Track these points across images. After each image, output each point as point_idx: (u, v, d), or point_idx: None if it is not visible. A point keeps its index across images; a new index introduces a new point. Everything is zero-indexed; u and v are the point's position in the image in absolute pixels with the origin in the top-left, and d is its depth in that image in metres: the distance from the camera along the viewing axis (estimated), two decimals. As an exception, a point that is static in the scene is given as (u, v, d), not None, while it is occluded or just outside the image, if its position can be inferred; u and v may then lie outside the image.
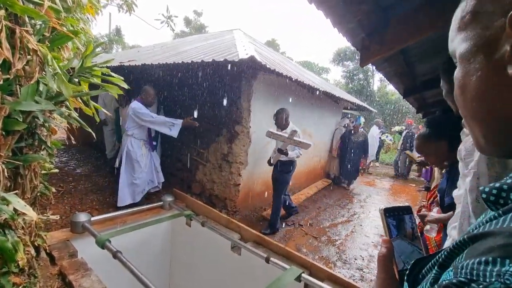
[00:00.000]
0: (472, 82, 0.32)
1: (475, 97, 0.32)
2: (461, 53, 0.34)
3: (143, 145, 3.48)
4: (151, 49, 6.07)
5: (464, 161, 0.84)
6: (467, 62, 0.33)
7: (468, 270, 0.22)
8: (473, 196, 0.76)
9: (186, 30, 22.98)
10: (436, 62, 2.24)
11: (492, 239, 0.23)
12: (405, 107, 17.68)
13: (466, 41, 0.33)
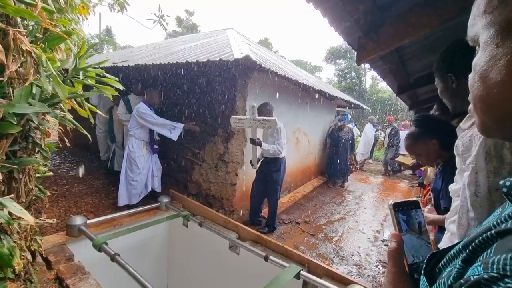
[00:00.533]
0: (498, 67, 0.31)
1: (500, 82, 0.31)
2: (487, 37, 0.33)
3: (144, 146, 3.47)
4: (144, 49, 6.01)
5: (462, 156, 0.86)
6: (494, 47, 0.32)
7: (501, 266, 0.22)
8: (472, 191, 0.77)
9: (178, 30, 22.81)
10: (429, 59, 2.28)
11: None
12: (395, 105, 17.92)
13: (494, 25, 0.32)
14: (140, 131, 3.40)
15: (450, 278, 0.30)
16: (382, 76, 2.54)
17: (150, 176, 3.59)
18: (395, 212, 0.47)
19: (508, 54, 0.30)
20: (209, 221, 2.53)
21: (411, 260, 0.44)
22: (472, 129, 0.83)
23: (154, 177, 3.66)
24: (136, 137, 3.40)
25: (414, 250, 0.45)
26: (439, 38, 1.55)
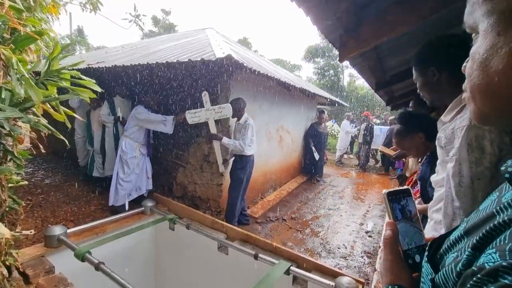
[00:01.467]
0: (500, 55, 0.30)
1: (502, 71, 0.30)
2: (488, 25, 0.32)
3: (137, 147, 3.40)
4: (120, 49, 5.80)
5: (445, 149, 0.89)
6: (495, 35, 0.31)
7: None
8: (456, 181, 0.81)
9: (155, 30, 22.26)
10: (404, 57, 2.39)
11: None
12: (372, 101, 18.55)
13: (495, 12, 0.31)
14: (137, 132, 3.38)
15: (459, 265, 0.29)
16: (360, 73, 2.62)
17: (145, 178, 3.53)
18: (389, 201, 0.48)
19: (510, 43, 0.29)
20: (196, 223, 2.50)
21: (406, 247, 0.46)
22: (454, 122, 0.87)
23: (149, 178, 3.61)
24: (130, 138, 3.35)
25: (408, 238, 0.46)
26: (414, 35, 1.62)
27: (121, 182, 3.29)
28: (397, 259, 0.45)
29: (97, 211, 3.39)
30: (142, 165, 3.50)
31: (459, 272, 0.29)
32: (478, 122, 0.37)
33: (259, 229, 3.69)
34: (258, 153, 4.48)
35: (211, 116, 3.02)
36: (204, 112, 3.02)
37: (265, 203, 4.52)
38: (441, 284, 0.34)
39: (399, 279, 0.43)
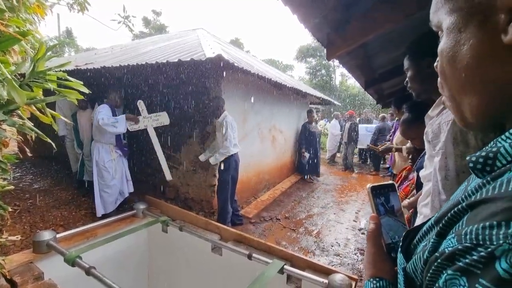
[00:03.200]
0: (463, 52, 0.32)
1: (466, 66, 0.31)
2: (450, 23, 0.33)
3: (112, 150, 3.29)
4: (110, 51, 5.72)
5: (431, 143, 0.91)
6: (457, 32, 0.32)
7: (473, 236, 0.23)
8: (442, 175, 0.83)
9: (146, 31, 22.05)
10: (392, 55, 2.42)
11: (494, 204, 0.23)
12: (363, 99, 18.78)
13: (456, 10, 0.32)
14: (108, 134, 3.22)
15: (426, 252, 0.31)
16: (350, 71, 2.64)
17: (124, 180, 3.44)
18: (373, 195, 0.48)
19: (471, 39, 0.30)
20: (189, 225, 2.48)
21: (389, 241, 0.46)
22: (440, 117, 0.88)
23: (128, 181, 3.52)
24: (103, 142, 3.22)
25: (391, 232, 0.47)
26: (400, 33, 1.65)
27: (105, 189, 3.20)
28: (379, 252, 0.46)
29: (88, 215, 3.33)
30: (121, 168, 3.40)
31: (425, 260, 0.30)
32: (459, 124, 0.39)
33: (253, 229, 3.69)
34: (251, 153, 4.49)
35: (149, 123, 3.12)
36: (142, 120, 3.11)
37: (258, 203, 4.52)
38: (411, 273, 0.35)
39: (381, 272, 0.44)
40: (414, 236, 0.38)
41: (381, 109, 9.18)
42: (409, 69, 1.05)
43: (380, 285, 0.43)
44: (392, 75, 3.02)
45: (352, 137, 7.56)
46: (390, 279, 0.43)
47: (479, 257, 0.22)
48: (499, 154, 0.27)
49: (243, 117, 4.14)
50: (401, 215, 0.49)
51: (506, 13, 0.27)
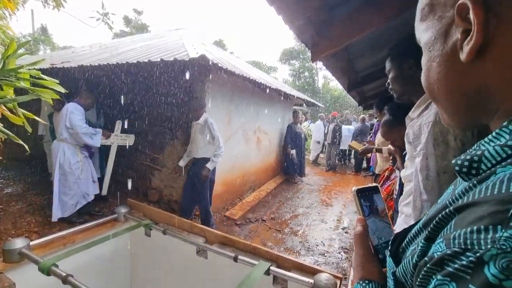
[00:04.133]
0: (433, 67, 0.36)
1: (437, 80, 0.36)
2: (423, 41, 0.38)
3: (78, 151, 3.15)
4: (88, 49, 5.51)
5: (412, 144, 0.93)
6: (428, 50, 0.36)
7: (462, 240, 0.23)
8: (424, 175, 0.85)
9: (127, 30, 21.47)
10: (374, 58, 2.49)
11: (480, 208, 0.24)
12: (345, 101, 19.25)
13: (427, 30, 0.36)
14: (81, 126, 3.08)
15: (415, 256, 0.31)
16: (333, 74, 2.69)
17: (90, 182, 3.31)
18: (359, 198, 0.49)
19: (438, 56, 0.34)
20: (173, 228, 2.42)
21: (376, 242, 0.47)
22: (421, 118, 0.91)
23: (95, 182, 3.39)
24: (69, 142, 3.08)
25: (378, 233, 0.48)
26: (382, 37, 1.70)
27: (67, 192, 3.07)
28: (368, 254, 0.46)
29: (65, 220, 3.17)
30: (87, 169, 3.28)
31: (415, 264, 0.30)
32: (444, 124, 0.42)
33: (239, 231, 3.67)
34: (236, 154, 4.46)
35: (115, 141, 3.30)
36: (112, 137, 3.27)
37: (244, 205, 4.50)
38: (401, 277, 0.35)
39: (370, 274, 0.44)
40: (402, 239, 0.38)
41: (362, 111, 9.43)
42: (391, 70, 1.06)
43: (370, 287, 0.43)
44: (374, 78, 3.11)
45: (335, 138, 7.68)
46: (379, 281, 0.43)
47: (468, 262, 0.21)
48: (483, 157, 0.28)
49: (228, 118, 4.12)
50: (385, 215, 0.50)
51: (461, 33, 0.30)
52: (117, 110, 3.90)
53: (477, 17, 0.28)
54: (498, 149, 0.27)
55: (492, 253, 0.20)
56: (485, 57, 0.29)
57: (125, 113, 3.83)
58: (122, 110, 3.85)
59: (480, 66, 0.30)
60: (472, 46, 0.29)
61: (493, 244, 0.20)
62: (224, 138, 4.05)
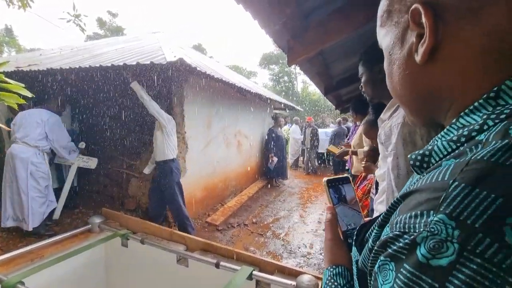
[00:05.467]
0: (394, 70, 0.38)
1: (397, 82, 0.38)
2: (384, 46, 0.40)
3: (46, 157, 3.06)
4: (58, 52, 5.25)
5: (384, 144, 0.98)
6: (388, 54, 0.38)
7: (402, 224, 0.25)
8: (395, 174, 0.89)
9: (100, 32, 20.72)
10: (347, 63, 2.59)
11: (419, 195, 0.26)
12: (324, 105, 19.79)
13: (386, 35, 0.38)
14: (44, 140, 3.01)
15: (370, 242, 0.34)
16: (311, 78, 2.76)
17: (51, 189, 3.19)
18: (328, 187, 0.52)
19: (396, 60, 0.36)
20: (152, 237, 2.34)
21: (345, 228, 0.50)
22: (391, 120, 0.95)
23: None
24: (41, 149, 2.97)
25: (347, 219, 0.50)
26: (354, 43, 1.78)
27: (38, 200, 2.93)
28: (336, 239, 0.49)
29: (33, 234, 2.96)
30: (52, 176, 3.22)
31: (370, 249, 0.32)
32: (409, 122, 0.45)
33: (221, 236, 3.62)
34: (217, 159, 4.42)
35: (76, 162, 3.32)
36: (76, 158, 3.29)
37: (226, 210, 4.45)
38: (362, 264, 0.37)
39: (338, 259, 0.47)
40: (367, 230, 0.40)
41: (340, 114, 9.72)
42: (363, 74, 1.11)
43: (337, 271, 0.45)
44: (348, 82, 3.23)
45: (313, 142, 7.79)
46: (346, 265, 0.45)
47: (404, 244, 0.24)
48: (433, 151, 0.30)
49: (208, 122, 4.08)
50: (355, 203, 0.53)
51: (416, 37, 0.32)
52: (91, 115, 3.74)
53: (428, 21, 0.30)
54: (445, 144, 0.29)
55: (423, 236, 0.22)
56: (437, 59, 0.31)
57: (99, 118, 3.68)
58: (96, 116, 3.69)
59: (433, 68, 0.32)
60: (425, 48, 0.31)
61: (425, 227, 0.22)
62: (204, 142, 4.01)
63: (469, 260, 0.19)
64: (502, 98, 0.27)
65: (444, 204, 0.22)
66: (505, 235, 0.18)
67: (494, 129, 0.25)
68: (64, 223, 3.44)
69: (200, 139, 3.92)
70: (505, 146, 0.22)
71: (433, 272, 0.20)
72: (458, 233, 0.20)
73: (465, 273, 0.19)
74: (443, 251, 0.20)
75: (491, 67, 0.28)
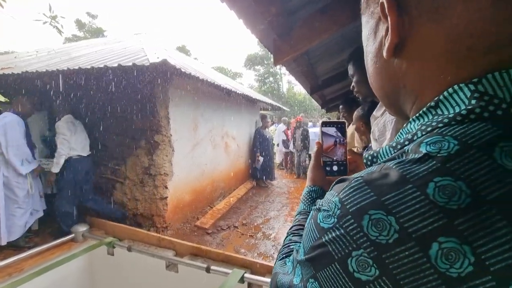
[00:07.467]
0: (368, 63, 0.37)
1: (370, 75, 0.37)
2: (363, 37, 0.38)
3: (25, 163, 2.86)
4: (34, 54, 5.02)
5: (378, 141, 0.99)
6: (365, 45, 0.37)
7: (320, 202, 0.31)
8: None
9: (80, 34, 20.05)
10: (332, 63, 2.63)
11: (343, 181, 0.30)
12: (309, 105, 20.06)
13: (365, 26, 0.36)
14: (17, 148, 2.80)
15: None
16: (297, 78, 2.78)
17: (38, 198, 3.03)
18: (322, 127, 0.61)
19: (371, 52, 0.36)
20: (139, 243, 2.28)
21: (325, 159, 0.60)
22: (384, 116, 0.96)
23: (42, 197, 3.11)
24: (14, 157, 2.78)
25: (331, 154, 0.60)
26: (338, 43, 1.80)
27: (17, 211, 2.77)
28: (317, 166, 0.60)
29: (12, 246, 2.81)
30: (35, 185, 3.01)
31: None
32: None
33: (211, 240, 3.57)
34: (205, 161, 4.37)
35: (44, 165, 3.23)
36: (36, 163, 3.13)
37: (215, 212, 4.40)
38: None
39: (316, 181, 0.60)
40: None
41: (325, 113, 9.86)
42: (355, 74, 1.12)
43: (313, 189, 0.59)
44: (334, 81, 3.27)
45: (305, 144, 7.32)
46: (321, 186, 0.59)
47: (318, 206, 0.31)
48: (379, 154, 0.32)
49: (194, 125, 4.02)
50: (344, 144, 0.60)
51: (385, 30, 0.31)
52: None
53: (391, 16, 0.29)
54: (387, 149, 0.31)
55: (322, 207, 0.30)
56: (402, 56, 0.30)
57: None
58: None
59: (399, 64, 0.31)
60: (389, 44, 0.30)
61: (326, 203, 0.29)
62: (191, 145, 3.95)
63: (337, 229, 0.26)
64: (440, 108, 0.28)
65: (341, 191, 0.28)
66: (363, 220, 0.24)
67: (416, 142, 0.27)
68: (45, 233, 3.29)
69: (187, 142, 3.86)
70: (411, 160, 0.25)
71: (320, 228, 0.28)
72: (338, 212, 0.27)
73: (335, 233, 0.26)
74: (328, 220, 0.28)
75: (447, 70, 0.28)
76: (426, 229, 0.22)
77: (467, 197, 0.21)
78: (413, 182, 0.23)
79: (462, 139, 0.24)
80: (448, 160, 0.23)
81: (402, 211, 0.23)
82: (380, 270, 0.23)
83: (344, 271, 0.25)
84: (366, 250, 0.24)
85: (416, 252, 0.22)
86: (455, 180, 0.22)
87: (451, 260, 0.20)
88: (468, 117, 0.25)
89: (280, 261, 0.49)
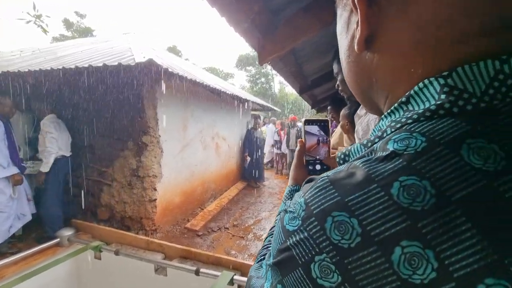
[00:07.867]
0: (342, 56, 0.35)
1: (345, 71, 0.35)
2: (337, 31, 0.36)
3: (7, 165, 2.75)
4: (18, 54, 4.88)
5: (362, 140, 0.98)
6: (339, 39, 0.35)
7: (288, 204, 0.30)
8: None
9: (67, 34, 19.62)
10: (320, 63, 2.64)
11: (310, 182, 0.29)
12: (301, 105, 20.18)
13: (339, 19, 0.35)
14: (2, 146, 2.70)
15: None
16: (285, 78, 2.78)
17: (25, 201, 2.92)
18: (304, 125, 0.60)
19: (343, 46, 0.34)
20: (127, 247, 2.24)
21: (308, 158, 0.60)
22: (368, 115, 0.96)
23: (30, 201, 3.01)
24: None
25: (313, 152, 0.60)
26: (325, 42, 1.81)
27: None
28: (300, 165, 0.59)
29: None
30: (21, 188, 2.90)
31: None
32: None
33: (201, 242, 3.53)
34: (195, 162, 4.33)
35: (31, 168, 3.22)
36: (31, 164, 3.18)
37: (205, 214, 4.37)
38: None
39: (299, 180, 0.58)
40: None
41: (316, 113, 9.93)
42: (339, 73, 1.12)
43: (295, 188, 0.58)
44: (322, 81, 3.29)
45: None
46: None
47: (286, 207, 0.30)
48: (351, 152, 0.32)
49: (183, 125, 3.98)
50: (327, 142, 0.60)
51: (356, 23, 0.29)
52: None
53: (360, 7, 0.27)
54: (359, 147, 0.30)
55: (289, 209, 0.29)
56: (373, 49, 0.29)
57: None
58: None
59: (370, 58, 0.30)
60: (359, 36, 0.29)
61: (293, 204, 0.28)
62: (180, 146, 3.91)
63: (301, 232, 0.25)
64: (411, 104, 0.26)
65: (307, 192, 0.27)
66: (326, 222, 0.23)
67: (385, 139, 0.25)
68: (30, 238, 3.19)
69: (176, 143, 3.81)
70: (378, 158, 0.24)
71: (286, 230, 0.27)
72: (303, 214, 0.25)
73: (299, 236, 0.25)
74: (293, 222, 0.26)
75: (418, 63, 0.26)
76: (388, 232, 0.20)
77: (432, 197, 0.20)
78: (377, 182, 0.22)
79: (430, 135, 0.22)
80: (415, 158, 0.22)
81: (365, 213, 0.22)
82: (342, 276, 0.22)
83: (307, 277, 0.24)
84: (328, 254, 0.22)
85: (378, 257, 0.20)
86: (420, 179, 0.21)
87: (414, 266, 0.19)
88: (437, 113, 0.24)
89: (257, 264, 0.47)
